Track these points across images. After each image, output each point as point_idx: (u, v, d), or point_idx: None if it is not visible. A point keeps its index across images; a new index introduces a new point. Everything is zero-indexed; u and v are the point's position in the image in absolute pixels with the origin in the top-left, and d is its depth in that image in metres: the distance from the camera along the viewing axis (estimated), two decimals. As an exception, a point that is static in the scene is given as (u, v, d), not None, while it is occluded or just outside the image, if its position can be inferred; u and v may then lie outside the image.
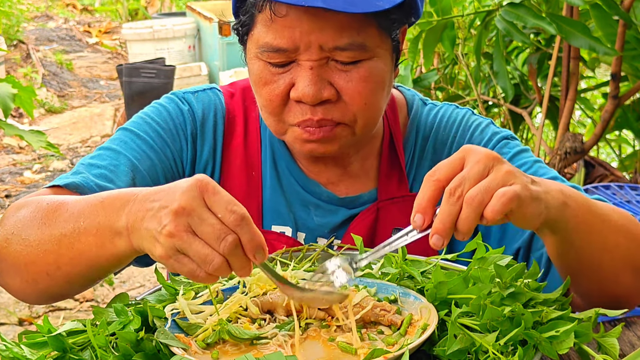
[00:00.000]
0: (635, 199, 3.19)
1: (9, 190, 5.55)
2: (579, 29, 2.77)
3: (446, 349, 0.95)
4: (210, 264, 0.89)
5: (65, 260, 1.04)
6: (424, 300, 1.06)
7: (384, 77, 1.24)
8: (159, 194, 0.93)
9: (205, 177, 0.92)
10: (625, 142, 4.51)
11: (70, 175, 1.25)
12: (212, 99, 1.43)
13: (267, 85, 1.23)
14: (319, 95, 1.19)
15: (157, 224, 0.90)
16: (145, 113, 1.40)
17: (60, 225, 1.05)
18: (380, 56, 1.22)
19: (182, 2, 11.00)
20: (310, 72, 1.18)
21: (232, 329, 1.01)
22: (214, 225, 0.89)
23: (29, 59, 9.08)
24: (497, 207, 0.91)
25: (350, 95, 1.21)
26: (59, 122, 7.42)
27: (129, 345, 0.94)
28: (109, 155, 1.31)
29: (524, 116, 3.83)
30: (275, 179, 1.40)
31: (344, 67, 1.20)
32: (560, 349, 0.93)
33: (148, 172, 1.32)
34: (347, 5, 1.10)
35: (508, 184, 0.93)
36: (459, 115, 1.43)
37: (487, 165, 0.94)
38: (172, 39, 7.93)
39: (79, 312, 3.73)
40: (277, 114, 1.25)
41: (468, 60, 4.15)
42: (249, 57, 1.27)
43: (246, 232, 0.90)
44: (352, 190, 1.40)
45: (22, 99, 2.29)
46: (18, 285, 1.12)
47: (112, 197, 1.02)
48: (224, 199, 0.90)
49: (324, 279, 1.01)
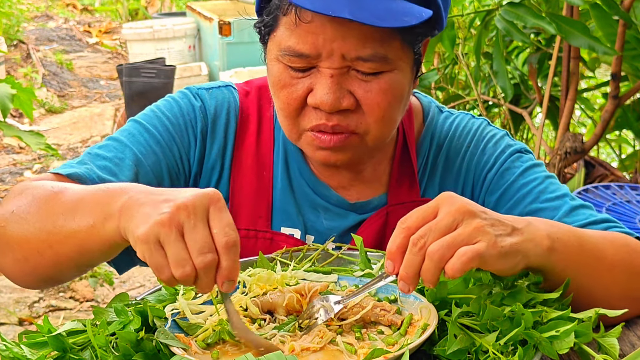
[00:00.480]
0: (635, 199, 3.19)
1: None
2: (579, 29, 2.77)
3: (446, 349, 0.95)
4: (180, 269, 0.89)
5: (57, 239, 1.04)
6: (424, 300, 1.06)
7: (403, 90, 1.24)
8: (167, 190, 0.95)
9: (219, 193, 0.93)
10: (625, 142, 4.51)
11: (75, 164, 1.26)
12: (226, 97, 1.42)
13: (286, 88, 1.22)
14: (337, 104, 1.19)
15: (154, 210, 0.90)
16: (157, 106, 1.40)
17: (59, 206, 1.05)
18: (401, 69, 1.21)
19: (182, 2, 10.99)
20: (330, 80, 1.18)
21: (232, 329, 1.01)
22: (204, 238, 0.89)
23: (29, 59, 9.08)
24: (456, 265, 0.91)
25: (369, 105, 1.20)
26: (59, 122, 7.42)
27: (129, 345, 0.94)
28: (116, 147, 1.31)
29: (524, 116, 3.83)
30: (287, 181, 1.39)
31: (365, 77, 1.19)
32: (560, 349, 0.93)
33: (152, 168, 1.32)
34: (374, 19, 1.09)
35: (473, 241, 0.92)
36: (474, 125, 1.43)
37: (457, 219, 0.94)
38: (172, 39, 7.93)
39: (79, 312, 3.73)
40: (293, 118, 1.25)
41: (468, 60, 4.15)
42: (269, 58, 1.26)
43: (228, 259, 0.90)
44: (364, 195, 1.40)
45: (21, 100, 2.29)
46: (9, 264, 1.12)
47: (119, 185, 1.03)
48: (226, 219, 0.91)
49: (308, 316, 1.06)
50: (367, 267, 1.20)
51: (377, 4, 1.11)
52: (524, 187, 1.34)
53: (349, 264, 1.25)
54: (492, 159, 1.39)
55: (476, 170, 1.40)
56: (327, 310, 1.05)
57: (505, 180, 1.37)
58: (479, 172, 1.40)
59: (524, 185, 1.34)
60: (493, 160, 1.39)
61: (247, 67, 6.35)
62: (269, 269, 1.19)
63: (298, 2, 1.09)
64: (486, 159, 1.39)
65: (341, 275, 1.18)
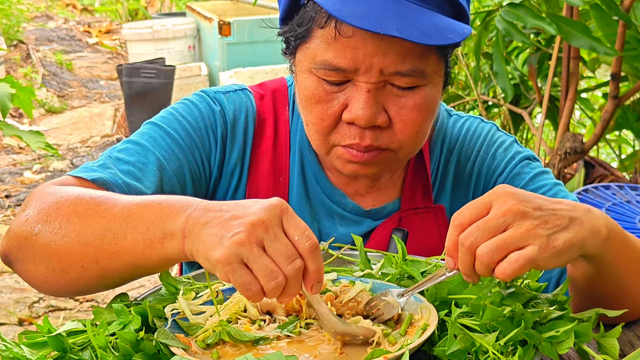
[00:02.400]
0: (635, 199, 3.19)
1: (9, 190, 5.55)
2: (579, 29, 2.77)
3: (446, 349, 0.95)
4: (273, 280, 0.88)
5: (105, 255, 1.01)
6: (424, 300, 1.06)
7: (436, 104, 1.24)
8: (227, 206, 0.93)
9: (285, 202, 0.93)
10: (625, 142, 4.51)
11: (97, 168, 1.22)
12: (243, 100, 1.40)
13: (320, 104, 1.20)
14: (373, 119, 1.17)
15: (226, 231, 0.89)
16: (175, 109, 1.36)
17: (106, 220, 1.02)
18: (435, 82, 1.21)
19: (182, 2, 11.00)
20: (367, 95, 1.16)
21: (233, 330, 1.01)
22: (288, 245, 0.90)
23: (28, 59, 9.08)
24: (507, 270, 0.90)
25: (404, 121, 1.19)
26: (59, 122, 7.42)
27: (129, 345, 0.94)
28: (138, 151, 1.28)
29: (524, 116, 3.83)
30: (302, 186, 1.38)
31: (401, 92, 1.18)
32: (560, 349, 0.93)
33: (175, 173, 1.29)
34: (421, 37, 1.08)
35: (524, 244, 0.91)
36: (484, 129, 1.43)
37: (507, 220, 0.92)
38: (172, 39, 7.93)
39: (79, 312, 3.73)
40: (325, 134, 1.23)
41: (468, 60, 4.15)
42: (300, 70, 1.23)
43: (315, 261, 0.91)
44: (379, 202, 1.39)
45: (20, 99, 2.29)
46: (41, 272, 1.07)
47: (170, 200, 1.00)
48: (302, 225, 0.91)
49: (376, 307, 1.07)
50: (367, 267, 1.20)
51: (422, 20, 1.10)
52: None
53: (348, 264, 1.25)
54: (503, 164, 1.39)
55: (487, 175, 1.40)
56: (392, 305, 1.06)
57: (515, 186, 1.37)
58: (489, 176, 1.40)
59: (533, 192, 1.34)
60: (503, 166, 1.39)
61: (247, 67, 6.34)
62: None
63: (345, 19, 1.07)
64: (496, 164, 1.40)
65: (341, 275, 1.18)
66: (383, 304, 1.07)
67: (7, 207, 5.19)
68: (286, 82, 1.45)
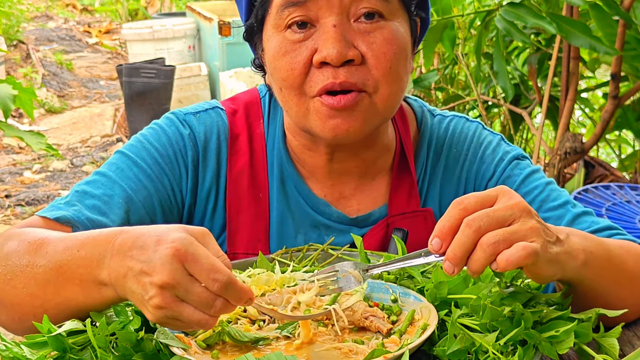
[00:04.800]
0: (635, 199, 3.19)
1: (9, 190, 5.55)
2: (580, 29, 2.77)
3: (446, 349, 0.95)
4: (204, 326, 0.93)
5: (52, 305, 1.03)
6: (424, 300, 1.06)
7: (406, 45, 1.23)
8: (139, 252, 0.92)
9: (182, 241, 0.90)
10: (625, 142, 4.51)
11: (63, 205, 1.23)
12: (214, 120, 1.37)
13: (289, 54, 1.20)
14: (344, 53, 1.17)
15: (143, 291, 0.90)
16: (144, 136, 1.35)
17: (44, 271, 1.03)
18: (401, 23, 1.22)
19: (182, 2, 10.99)
20: (334, 30, 1.17)
21: (233, 331, 1.01)
22: (200, 294, 0.90)
23: (29, 59, 9.08)
24: (513, 257, 0.89)
25: (375, 56, 1.19)
26: (59, 122, 7.42)
27: (129, 345, 0.94)
28: (104, 183, 1.27)
29: (524, 116, 3.83)
30: (283, 201, 1.36)
31: (368, 26, 1.19)
32: (560, 349, 0.93)
33: (144, 204, 1.28)
34: None
35: (528, 239, 0.91)
36: (470, 130, 1.42)
37: (514, 214, 0.92)
38: (172, 39, 7.93)
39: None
40: (298, 86, 1.21)
41: (468, 60, 4.15)
42: (267, 38, 1.24)
43: (232, 294, 0.91)
44: (364, 207, 1.37)
45: (22, 100, 2.29)
46: (4, 320, 1.11)
47: (88, 247, 1.00)
48: (205, 267, 0.89)
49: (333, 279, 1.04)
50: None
51: None
52: (526, 197, 1.33)
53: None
54: (492, 167, 1.38)
55: (476, 179, 1.39)
56: (354, 278, 1.03)
57: None
58: (479, 181, 1.39)
59: (526, 195, 1.33)
60: (493, 169, 1.38)
61: (246, 67, 6.33)
62: (268, 269, 1.19)
63: None
64: (485, 167, 1.38)
65: (341, 276, 1.18)
66: (344, 276, 1.03)
67: (7, 207, 5.19)
68: (259, 94, 1.43)
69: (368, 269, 1.03)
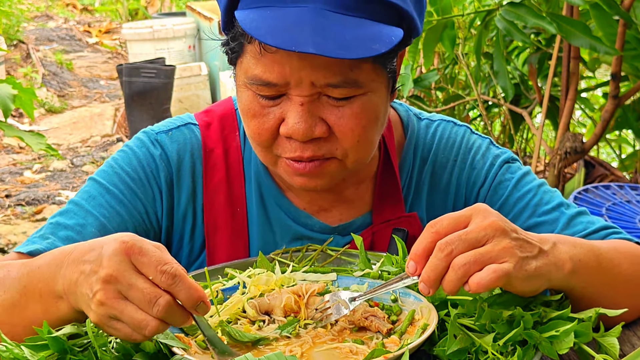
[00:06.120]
0: (635, 199, 3.19)
1: (9, 190, 5.56)
2: (580, 29, 2.77)
3: (446, 349, 0.95)
4: (145, 329, 0.89)
5: (19, 329, 1.02)
6: (424, 300, 1.06)
7: (379, 111, 1.18)
8: (91, 254, 0.93)
9: (131, 237, 0.91)
10: (625, 142, 4.51)
11: (37, 239, 1.23)
12: (187, 137, 1.34)
13: (257, 118, 1.16)
14: (309, 133, 1.13)
15: (89, 290, 0.90)
16: (115, 160, 1.32)
17: (10, 295, 1.04)
18: (374, 90, 1.15)
19: (182, 2, 11.00)
20: (301, 108, 1.12)
21: (233, 331, 1.01)
22: (144, 289, 0.88)
23: (29, 59, 9.08)
24: (483, 280, 0.91)
25: (343, 132, 1.14)
26: (59, 122, 7.42)
27: (129, 345, 0.94)
28: (77, 212, 1.26)
29: (524, 116, 3.83)
30: (263, 215, 1.33)
31: (337, 102, 1.13)
32: (560, 349, 0.93)
33: (117, 230, 1.22)
34: (339, 50, 1.02)
35: (500, 260, 0.92)
36: (458, 135, 1.39)
37: (488, 234, 0.93)
38: (172, 39, 7.93)
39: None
40: (265, 147, 1.19)
41: (468, 60, 4.15)
42: (238, 84, 1.19)
43: (181, 289, 0.89)
44: (346, 216, 1.35)
45: (22, 100, 2.29)
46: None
47: (47, 261, 1.01)
48: (153, 259, 0.89)
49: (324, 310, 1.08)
50: (367, 267, 1.19)
51: (342, 32, 1.04)
52: (520, 201, 1.32)
53: (348, 265, 1.25)
54: (483, 173, 1.36)
55: (467, 186, 1.37)
56: (342, 306, 1.06)
57: (499, 196, 1.34)
58: (470, 188, 1.37)
59: (519, 199, 1.32)
60: (484, 175, 1.36)
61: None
62: (268, 269, 1.19)
63: (259, 38, 1.03)
64: (476, 174, 1.36)
65: (340, 276, 1.18)
66: (334, 305, 1.07)
67: (7, 207, 5.20)
68: (234, 105, 1.39)
69: (355, 298, 1.07)
